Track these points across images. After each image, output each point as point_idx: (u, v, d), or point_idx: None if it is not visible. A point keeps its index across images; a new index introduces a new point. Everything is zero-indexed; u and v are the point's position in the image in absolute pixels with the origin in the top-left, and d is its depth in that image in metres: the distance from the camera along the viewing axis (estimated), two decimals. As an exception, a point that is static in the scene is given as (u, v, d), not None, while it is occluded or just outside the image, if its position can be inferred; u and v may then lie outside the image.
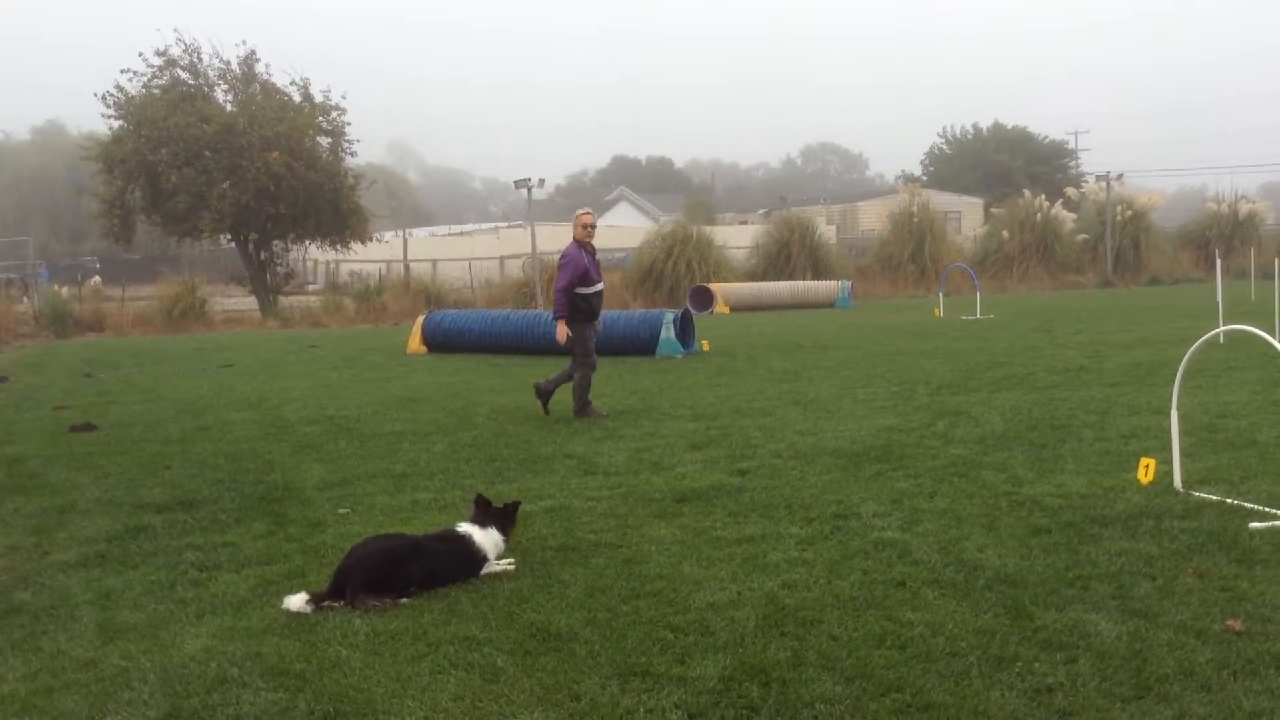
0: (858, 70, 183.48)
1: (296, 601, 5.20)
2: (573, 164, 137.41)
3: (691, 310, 22.69)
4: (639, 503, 7.16)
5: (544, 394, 11.14)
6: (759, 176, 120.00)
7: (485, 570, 5.65)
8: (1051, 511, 6.58)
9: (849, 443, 9.05)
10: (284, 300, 33.34)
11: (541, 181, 32.25)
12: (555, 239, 40.24)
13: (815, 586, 5.35)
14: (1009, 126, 69.55)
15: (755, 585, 5.36)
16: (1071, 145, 72.09)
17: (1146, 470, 7.23)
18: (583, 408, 10.94)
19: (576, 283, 10.68)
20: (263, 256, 33.90)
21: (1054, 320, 21.91)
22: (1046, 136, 69.90)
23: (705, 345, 17.71)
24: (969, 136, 71.12)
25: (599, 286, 10.99)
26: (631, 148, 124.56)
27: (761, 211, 55.97)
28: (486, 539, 5.73)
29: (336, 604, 5.19)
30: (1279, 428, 8.80)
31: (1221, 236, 39.68)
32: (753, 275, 36.00)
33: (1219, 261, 19.73)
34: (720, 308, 29.50)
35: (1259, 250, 32.60)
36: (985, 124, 70.96)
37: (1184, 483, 7.02)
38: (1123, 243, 39.20)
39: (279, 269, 34.93)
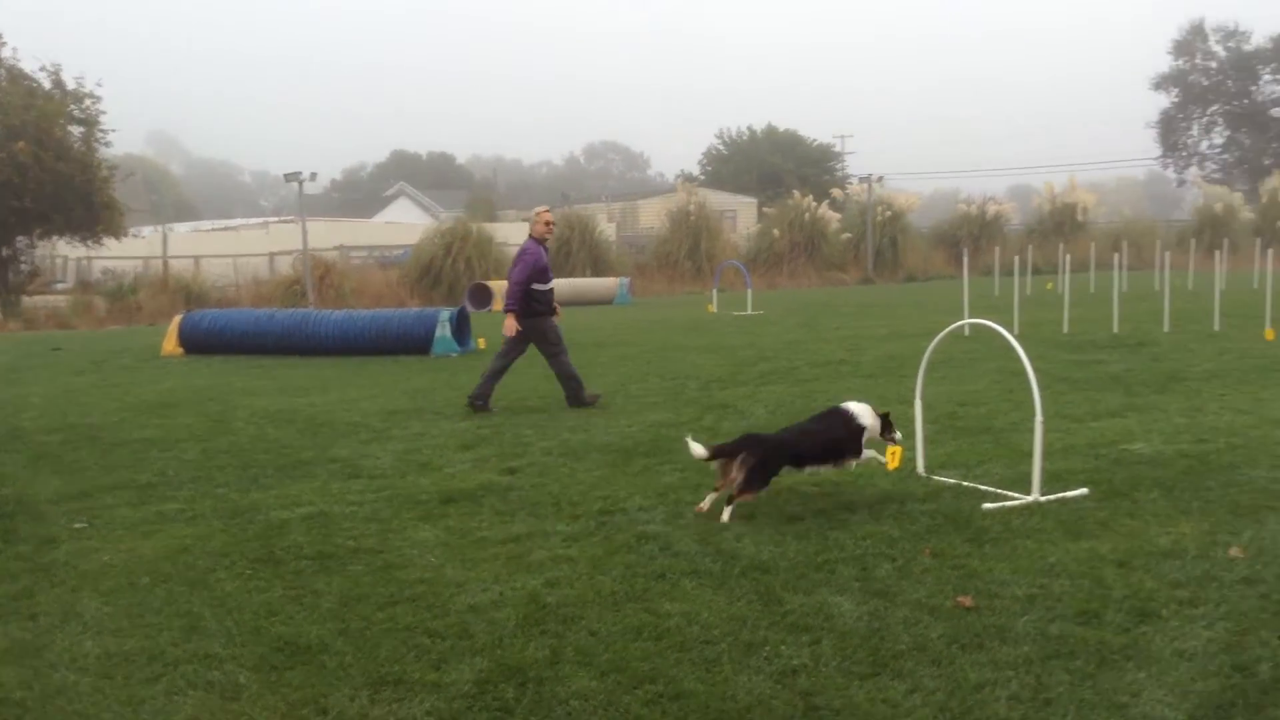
0: (640, 70, 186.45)
1: (699, 449, 6.53)
2: (350, 158, 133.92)
3: (469, 308, 22.45)
4: (404, 506, 7.01)
5: (480, 399, 11.02)
6: (542, 174, 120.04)
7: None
8: (805, 499, 6.84)
9: (620, 438, 9.15)
10: (28, 300, 31.00)
11: (314, 175, 31.21)
12: (329, 235, 39.16)
13: (578, 583, 5.37)
14: (781, 129, 72.09)
15: (518, 585, 5.33)
16: (838, 148, 75.48)
17: (893, 457, 7.61)
18: (577, 394, 11.07)
19: (534, 278, 10.77)
20: (4, 254, 31.42)
21: (818, 316, 22.85)
22: (815, 140, 72.85)
23: (482, 343, 17.56)
24: (744, 138, 73.31)
25: (553, 284, 11.10)
26: (411, 142, 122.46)
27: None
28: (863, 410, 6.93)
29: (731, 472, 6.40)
30: (1013, 415, 9.43)
31: (970, 236, 42.35)
32: (533, 273, 35.95)
33: (966, 259, 21.07)
34: (498, 305, 29.33)
35: (1004, 248, 34.99)
36: (759, 126, 73.36)
37: (926, 468, 7.44)
38: (883, 241, 41.31)
39: (23, 267, 32.47)
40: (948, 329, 7.66)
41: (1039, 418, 6.52)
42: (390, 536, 6.30)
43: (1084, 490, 6.71)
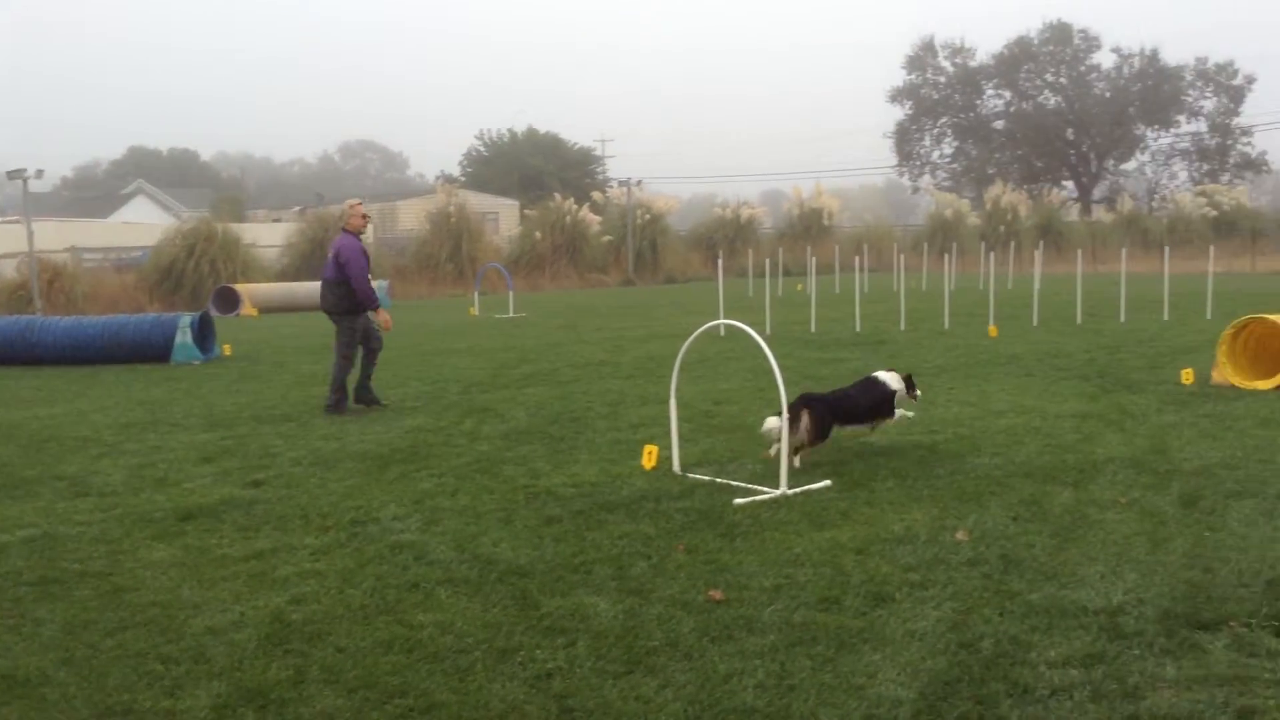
0: (400, 66, 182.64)
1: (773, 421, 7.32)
2: (83, 154, 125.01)
3: (214, 313, 21.35)
4: (136, 525, 6.56)
5: (365, 399, 10.92)
6: (294, 172, 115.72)
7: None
8: (565, 501, 6.84)
9: (375, 445, 8.90)
10: None
11: (40, 173, 28.95)
12: (59, 236, 36.34)
13: (326, 598, 5.17)
14: (542, 132, 72.33)
15: (260, 604, 5.08)
16: (599, 152, 76.45)
17: (650, 456, 7.75)
18: (340, 404, 10.73)
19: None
20: None
21: (580, 318, 23.03)
22: (576, 143, 73.51)
23: (227, 350, 16.73)
24: (505, 140, 73.13)
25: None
26: (151, 138, 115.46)
27: (296, 209, 54.03)
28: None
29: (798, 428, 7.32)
30: (763, 412, 9.64)
31: (726, 239, 43.76)
32: (285, 275, 34.65)
33: (721, 261, 21.74)
34: (247, 310, 28.06)
35: (757, 251, 36.33)
36: (520, 128, 73.38)
37: (682, 466, 7.59)
38: (643, 244, 42.09)
39: None
40: (699, 330, 7.85)
41: (785, 415, 6.78)
42: (121, 558, 5.88)
43: (827, 482, 7.02)
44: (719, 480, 7.23)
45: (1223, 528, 5.71)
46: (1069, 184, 70.30)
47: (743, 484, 7.09)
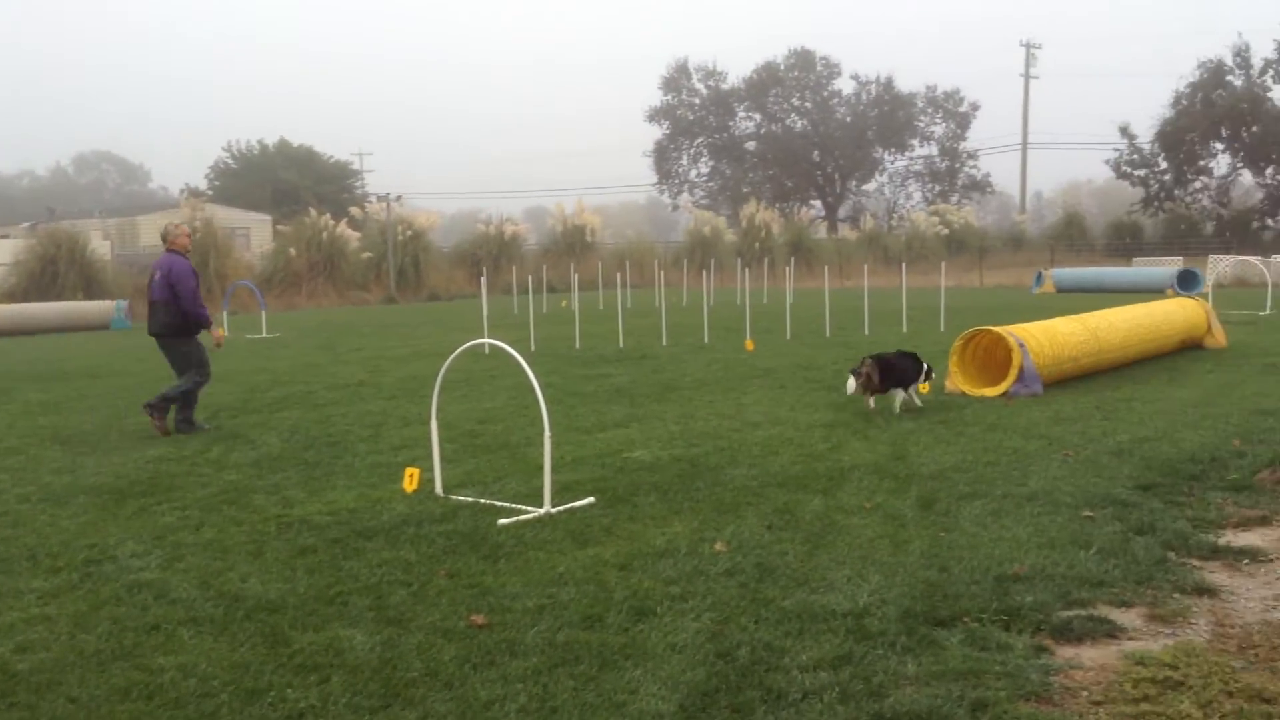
0: (138, 76, 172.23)
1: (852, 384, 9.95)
2: None
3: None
4: None
5: (158, 410, 10.39)
6: (24, 185, 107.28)
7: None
8: (320, 530, 6.59)
9: (113, 478, 8.32)
10: None
11: None
12: None
13: (56, 645, 4.78)
14: (295, 144, 69.94)
15: (-23, 656, 4.63)
16: (357, 166, 74.62)
17: (411, 479, 7.57)
18: (189, 420, 10.51)
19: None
20: None
21: (338, 337, 22.34)
22: (333, 156, 71.47)
23: (-57, 378, 15.28)
24: (255, 152, 70.31)
25: None
26: None
27: (26, 225, 50.12)
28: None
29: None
30: (528, 430, 9.74)
31: (490, 255, 43.57)
32: (13, 296, 32.06)
33: (485, 278, 21.61)
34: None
35: (521, 268, 36.33)
36: (272, 140, 70.72)
37: (444, 488, 7.46)
38: (404, 261, 41.33)
39: None
40: (460, 349, 7.74)
41: (547, 433, 6.77)
42: None
43: (591, 499, 7.05)
44: (483, 501, 7.15)
45: (956, 528, 6.09)
46: (817, 203, 73.90)
47: (507, 504, 7.03)
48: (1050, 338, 11.32)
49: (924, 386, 10.33)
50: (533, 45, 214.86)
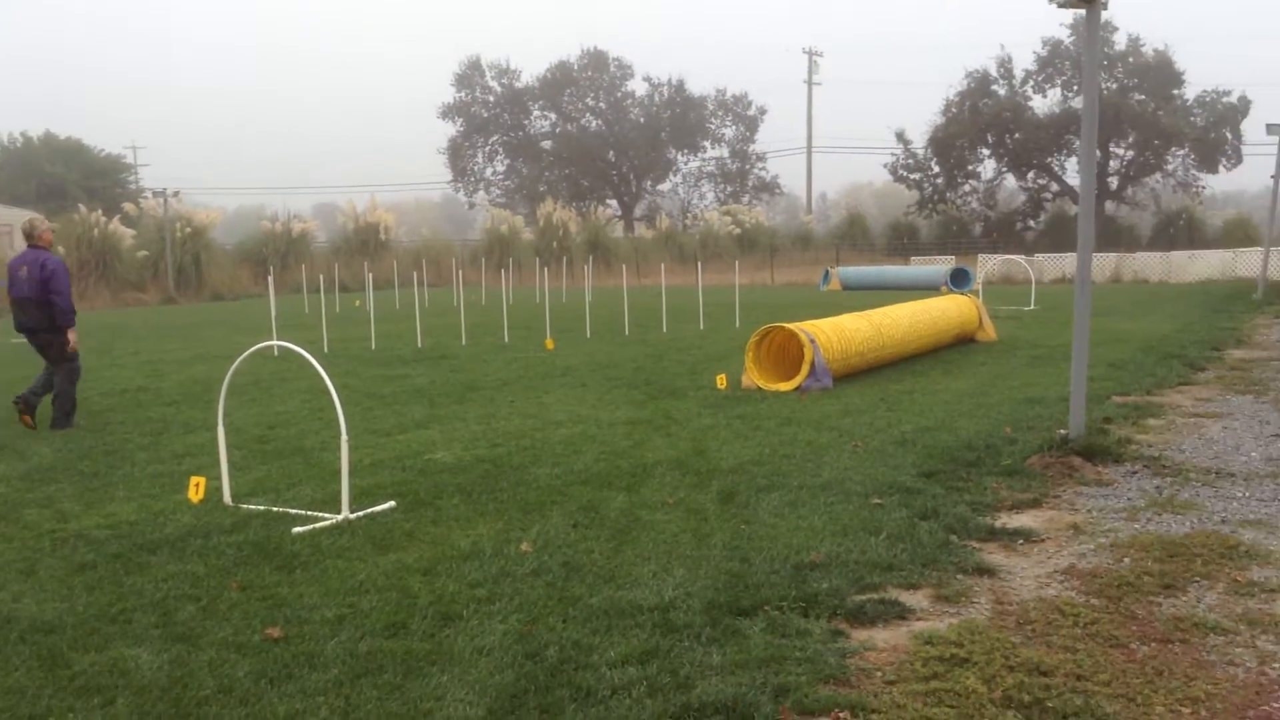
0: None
1: None
2: None
3: None
4: None
5: (29, 405, 10.43)
6: None
7: None
8: (98, 544, 6.19)
9: None
10: None
11: None
12: None
13: None
14: (62, 137, 65.57)
15: None
16: (130, 160, 70.57)
17: (197, 488, 7.21)
18: (67, 416, 10.47)
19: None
20: None
21: (113, 340, 21.07)
22: (103, 150, 67.38)
23: None
24: (18, 145, 65.60)
25: None
26: None
27: None
28: None
29: None
30: (324, 434, 9.44)
31: (277, 253, 42.01)
32: None
33: (272, 277, 20.82)
34: None
35: (311, 266, 35.18)
36: (36, 132, 66.07)
37: (234, 496, 7.14)
38: (184, 259, 39.37)
39: None
40: (248, 351, 7.44)
41: (344, 436, 6.57)
42: None
43: (392, 503, 6.89)
44: (276, 509, 6.87)
45: (755, 520, 6.26)
46: (613, 202, 74.63)
47: (302, 511, 6.79)
48: (839, 334, 11.79)
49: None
50: (320, 38, 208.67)
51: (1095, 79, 7.84)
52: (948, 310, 14.41)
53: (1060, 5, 7.91)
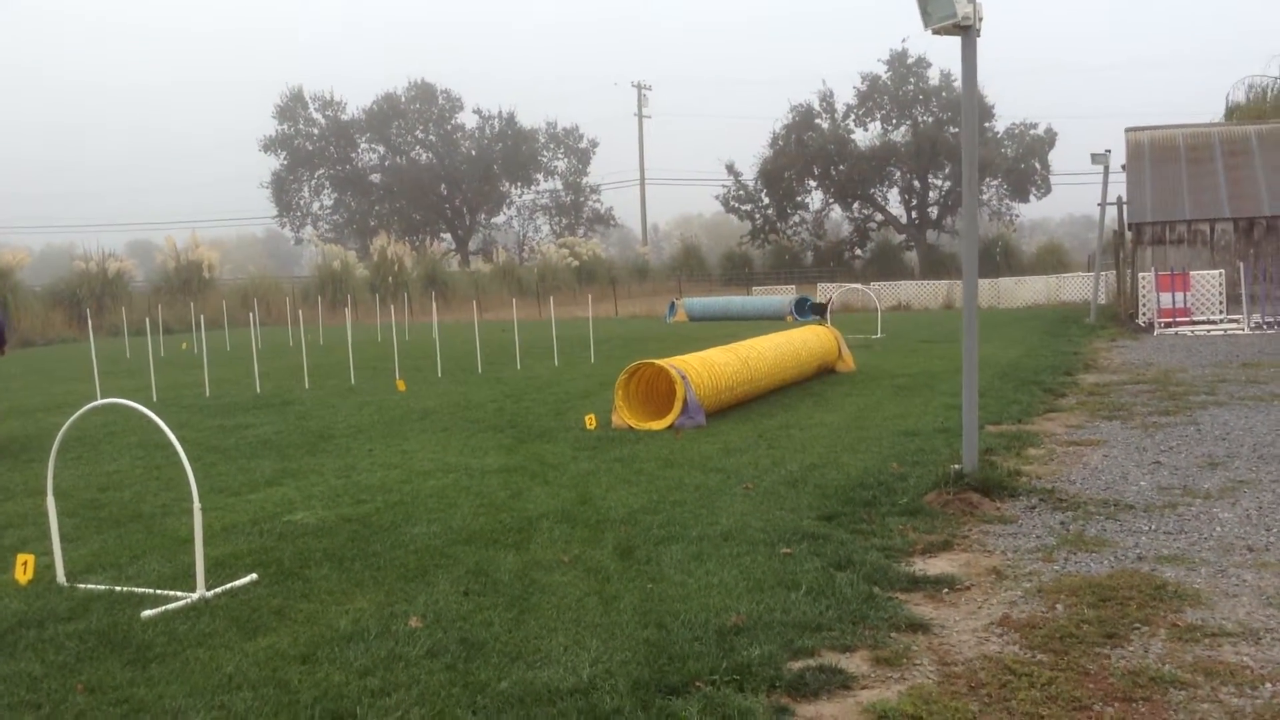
0: None
1: None
2: None
3: None
4: None
5: None
6: None
7: None
8: (-95, 644, 5.30)
9: None
10: None
11: None
12: None
13: None
14: None
15: None
16: (-79, 196, 65.70)
17: (24, 567, 6.34)
18: None
19: None
20: None
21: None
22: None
23: None
24: None
25: None
26: None
27: None
28: None
29: None
30: (164, 496, 8.56)
31: (93, 295, 39.56)
32: None
33: (90, 320, 19.36)
34: None
35: (130, 308, 33.18)
36: None
37: (69, 575, 6.30)
38: (-12, 302, 36.59)
39: None
40: (81, 410, 6.60)
41: (196, 503, 5.85)
42: None
43: (253, 576, 6.18)
44: (119, 589, 6.07)
45: (662, 577, 5.83)
46: (447, 236, 73.47)
47: (150, 590, 6.02)
48: (708, 368, 11.53)
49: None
50: (126, 65, 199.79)
51: (974, 105, 7.81)
52: (809, 341, 14.37)
53: (935, 32, 7.86)
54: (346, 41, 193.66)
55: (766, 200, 62.70)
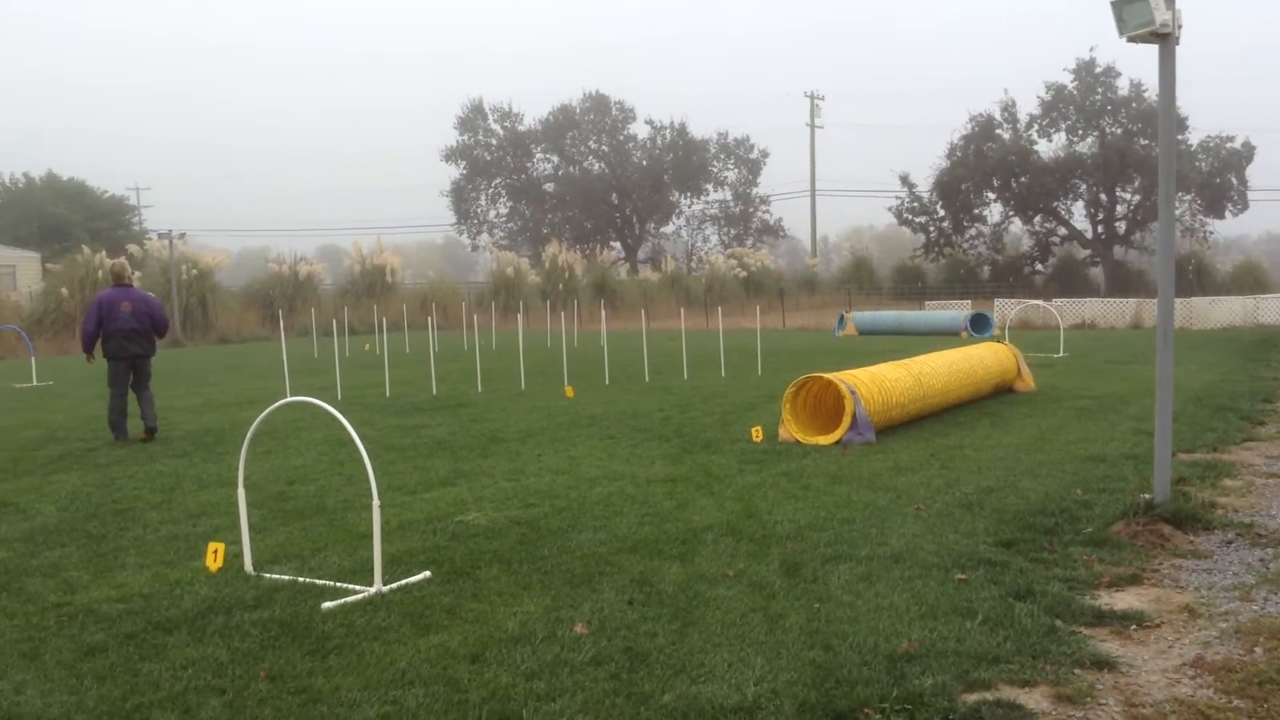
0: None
1: None
2: None
3: None
4: None
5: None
6: None
7: None
8: (109, 622, 5.64)
9: None
10: None
11: None
12: None
13: None
14: (65, 178, 65.44)
15: None
16: (133, 201, 70.45)
17: (215, 555, 6.67)
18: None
19: None
20: None
21: (120, 385, 20.53)
22: (106, 191, 67.24)
23: None
24: (20, 186, 65.45)
25: None
26: None
27: None
28: None
29: None
30: (346, 491, 8.90)
31: (285, 296, 41.63)
32: None
33: (282, 320, 20.35)
34: None
35: (319, 309, 34.77)
36: (38, 173, 65.99)
37: (255, 564, 6.59)
38: (190, 302, 38.95)
39: None
40: (272, 407, 6.92)
41: (376, 502, 6.02)
42: None
43: (426, 574, 6.34)
44: (301, 579, 6.31)
45: (829, 597, 5.70)
46: (616, 245, 74.41)
47: (330, 582, 6.24)
48: (879, 384, 11.27)
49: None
50: (319, 82, 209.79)
51: (1171, 117, 7.39)
52: (985, 358, 13.90)
53: (1130, 40, 7.49)
54: (528, 59, 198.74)
55: (942, 212, 61.15)
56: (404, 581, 6.17)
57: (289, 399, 7.10)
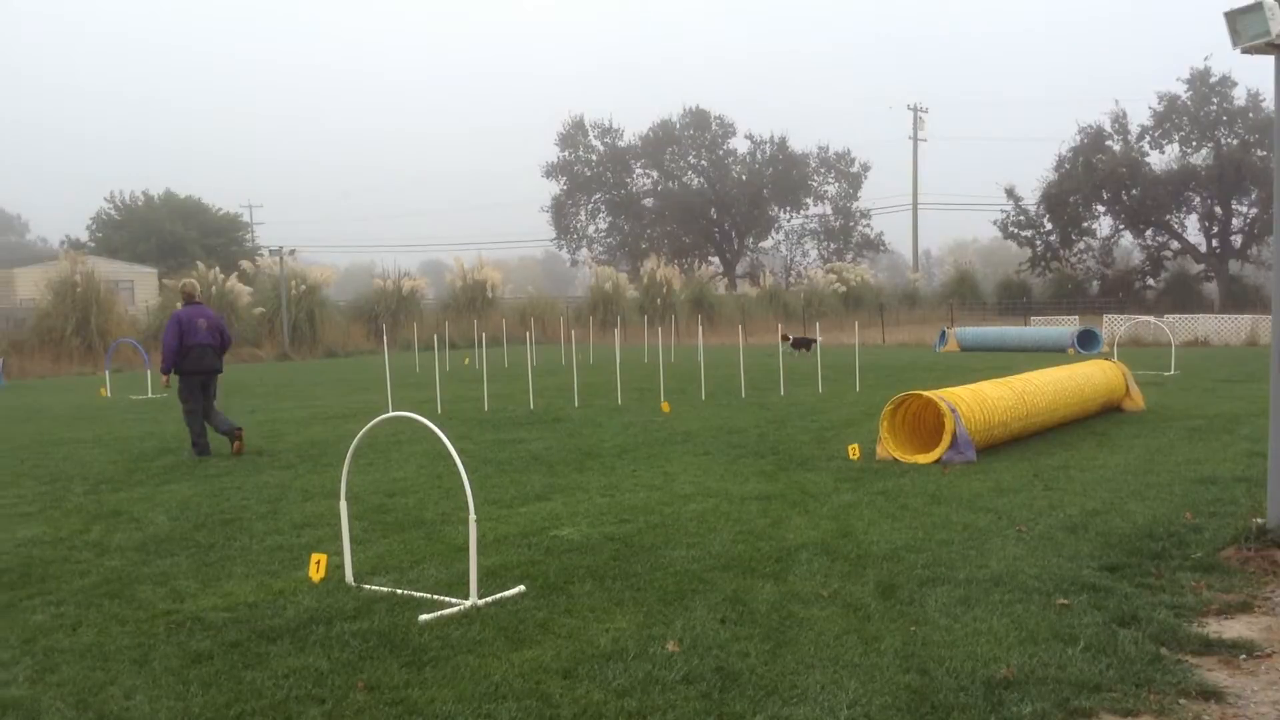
0: (11, 124, 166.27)
1: None
2: None
3: None
4: None
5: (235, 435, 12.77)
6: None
7: None
8: (215, 629, 5.82)
9: (-28, 567, 7.38)
10: None
11: None
12: None
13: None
14: (182, 196, 67.92)
15: None
16: (246, 218, 72.77)
17: (318, 566, 6.83)
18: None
19: None
20: None
21: (230, 397, 21.20)
22: (220, 208, 69.57)
23: None
24: (139, 203, 68.09)
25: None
26: None
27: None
28: None
29: None
30: (444, 504, 9.04)
31: (389, 311, 42.55)
32: None
33: (386, 334, 20.80)
34: None
35: (421, 324, 35.43)
36: (156, 191, 68.58)
37: (356, 576, 6.73)
38: (298, 316, 40.04)
39: None
40: (373, 422, 7.08)
41: (472, 516, 6.12)
42: None
43: (521, 588, 6.41)
44: (400, 591, 6.44)
45: (926, 620, 5.61)
46: (715, 259, 74.37)
47: (427, 594, 6.34)
48: (980, 402, 11.06)
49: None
50: (422, 101, 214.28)
51: (1289, 131, 7.11)
52: (1093, 376, 13.54)
53: (1245, 51, 7.24)
54: (626, 69, 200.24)
55: (1049, 226, 59.80)
56: (499, 595, 6.25)
57: (390, 414, 7.26)
